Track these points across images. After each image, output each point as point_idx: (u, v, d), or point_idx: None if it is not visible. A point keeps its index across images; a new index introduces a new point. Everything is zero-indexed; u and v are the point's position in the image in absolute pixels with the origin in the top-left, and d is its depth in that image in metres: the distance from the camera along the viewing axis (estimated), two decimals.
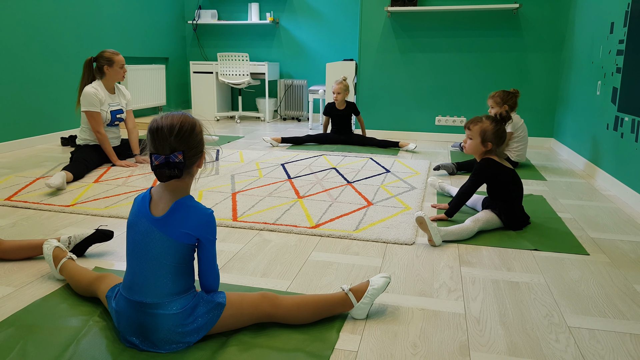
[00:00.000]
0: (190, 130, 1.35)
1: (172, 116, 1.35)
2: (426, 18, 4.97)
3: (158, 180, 1.36)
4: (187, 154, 1.34)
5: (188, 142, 1.34)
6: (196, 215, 1.38)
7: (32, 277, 1.85)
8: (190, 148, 1.35)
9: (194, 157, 1.37)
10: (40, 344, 1.41)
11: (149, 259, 1.36)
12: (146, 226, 1.37)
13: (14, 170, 3.51)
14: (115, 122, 3.69)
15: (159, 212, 1.37)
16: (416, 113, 5.20)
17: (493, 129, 2.40)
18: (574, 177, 3.56)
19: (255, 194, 2.95)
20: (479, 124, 2.42)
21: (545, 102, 4.87)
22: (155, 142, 1.33)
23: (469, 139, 2.46)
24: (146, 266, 1.36)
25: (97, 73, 3.61)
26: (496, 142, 2.42)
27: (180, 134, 1.33)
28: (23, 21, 4.26)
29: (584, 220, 2.61)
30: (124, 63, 3.62)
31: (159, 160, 1.32)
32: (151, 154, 1.34)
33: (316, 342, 1.44)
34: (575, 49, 4.34)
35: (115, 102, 3.68)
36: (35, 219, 2.51)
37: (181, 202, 1.38)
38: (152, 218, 1.37)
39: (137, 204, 1.42)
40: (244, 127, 5.96)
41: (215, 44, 6.88)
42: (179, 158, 1.32)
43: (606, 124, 3.41)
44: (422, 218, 2.16)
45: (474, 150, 2.46)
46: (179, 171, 1.33)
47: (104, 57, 3.57)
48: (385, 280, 1.60)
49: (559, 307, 1.69)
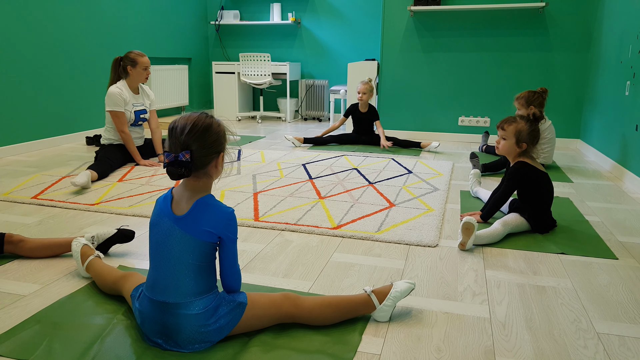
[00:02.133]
0: (203, 130, 1.34)
1: (190, 116, 1.36)
2: (449, 17, 4.91)
3: (170, 178, 1.37)
4: (197, 153, 1.33)
5: (200, 141, 1.34)
6: (217, 214, 1.38)
7: (58, 274, 1.88)
8: (202, 147, 1.34)
9: (206, 156, 1.36)
10: (66, 341, 1.43)
11: (171, 257, 1.37)
12: (168, 225, 1.38)
13: (40, 169, 3.58)
14: (138, 122, 3.73)
15: (180, 211, 1.38)
16: (439, 113, 5.14)
17: (528, 129, 2.35)
18: (601, 179, 3.48)
19: (276, 194, 2.95)
20: (513, 124, 2.38)
21: (571, 103, 4.77)
22: (170, 141, 1.36)
23: (503, 139, 2.41)
24: (168, 265, 1.37)
25: (122, 73, 3.66)
26: (531, 142, 2.38)
27: (191, 132, 1.33)
28: (49, 22, 4.34)
29: (612, 223, 2.54)
30: (149, 65, 3.66)
31: (169, 159, 1.33)
32: (165, 152, 1.35)
33: (338, 344, 1.43)
34: (603, 48, 4.24)
35: (139, 102, 3.73)
36: (60, 217, 2.56)
37: (202, 200, 1.38)
38: (174, 217, 1.38)
39: (159, 204, 1.43)
40: (265, 127, 5.98)
41: (237, 44, 6.92)
42: (186, 157, 1.32)
43: (635, 125, 3.32)
44: (472, 225, 2.12)
45: (509, 151, 2.41)
46: (187, 170, 1.33)
47: (129, 57, 3.62)
48: (409, 286, 1.58)
49: (587, 312, 1.65)
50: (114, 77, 3.66)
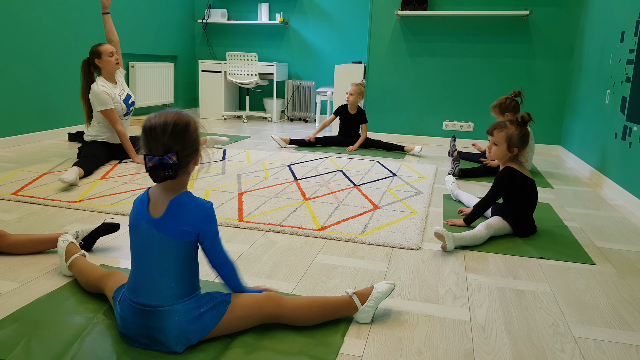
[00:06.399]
0: (184, 129, 1.32)
1: (166, 114, 1.32)
2: (436, 22, 4.96)
3: (153, 182, 1.35)
4: (181, 153, 1.31)
5: (182, 141, 1.31)
6: (192, 210, 1.36)
7: (38, 272, 1.86)
8: (185, 147, 1.32)
9: (189, 156, 1.35)
10: (45, 341, 1.41)
11: (152, 260, 1.36)
12: (146, 228, 1.36)
13: (20, 165, 3.53)
14: (130, 109, 3.74)
15: (157, 212, 1.36)
16: (424, 117, 5.19)
17: (519, 134, 2.39)
18: (580, 186, 3.54)
19: (261, 195, 2.95)
20: (504, 130, 2.40)
21: (553, 110, 4.85)
22: (149, 143, 1.30)
23: (494, 144, 2.44)
24: (150, 267, 1.36)
25: (95, 70, 3.63)
26: (521, 147, 2.41)
27: (174, 132, 1.30)
28: (31, 15, 4.28)
29: (590, 229, 2.59)
30: (113, 50, 3.61)
31: (152, 162, 1.29)
32: (145, 155, 1.31)
33: (320, 345, 1.44)
34: (584, 57, 4.32)
35: (122, 90, 3.71)
36: (41, 214, 2.52)
37: (177, 199, 1.36)
38: (151, 220, 1.36)
39: (136, 206, 1.41)
40: (250, 127, 5.97)
41: (224, 43, 6.90)
42: (173, 159, 1.29)
43: (614, 133, 3.39)
44: (441, 235, 2.16)
45: (500, 156, 2.44)
46: (174, 172, 1.31)
47: (92, 52, 3.60)
48: (390, 286, 1.60)
49: (564, 316, 1.68)
50: (86, 80, 3.61)
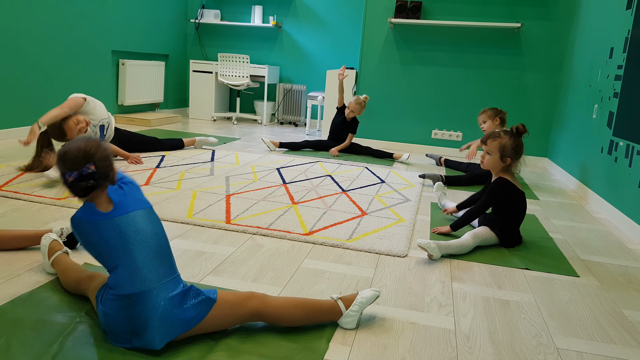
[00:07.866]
0: (97, 145, 1.40)
1: (77, 140, 1.41)
2: (428, 31, 5.00)
3: (76, 197, 1.39)
4: (99, 164, 1.37)
5: (98, 152, 1.39)
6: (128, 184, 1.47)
7: (21, 269, 1.83)
8: (101, 159, 1.39)
9: (108, 167, 1.41)
10: (25, 339, 1.39)
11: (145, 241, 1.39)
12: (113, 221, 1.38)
13: (5, 160, 3.48)
14: (104, 132, 3.54)
15: (107, 208, 1.40)
16: (413, 125, 5.21)
17: (512, 144, 2.39)
18: (565, 198, 3.58)
19: (249, 197, 2.94)
20: (497, 140, 2.41)
21: (541, 122, 4.91)
22: (66, 163, 1.37)
23: (487, 154, 2.45)
24: (143, 250, 1.38)
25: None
26: (514, 157, 2.42)
27: (87, 148, 1.38)
28: (22, 12, 4.23)
29: (574, 241, 2.62)
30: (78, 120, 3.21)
31: (73, 176, 1.35)
32: (63, 174, 1.37)
33: (305, 351, 1.43)
34: (573, 71, 4.38)
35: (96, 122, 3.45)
36: (25, 210, 2.49)
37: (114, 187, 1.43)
38: (108, 213, 1.38)
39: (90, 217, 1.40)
40: (240, 128, 5.95)
41: (216, 44, 6.88)
42: (91, 169, 1.35)
43: (601, 147, 3.44)
44: (424, 248, 2.18)
45: (493, 166, 2.45)
46: (95, 181, 1.36)
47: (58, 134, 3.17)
48: (375, 293, 1.60)
49: (548, 327, 1.69)
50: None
